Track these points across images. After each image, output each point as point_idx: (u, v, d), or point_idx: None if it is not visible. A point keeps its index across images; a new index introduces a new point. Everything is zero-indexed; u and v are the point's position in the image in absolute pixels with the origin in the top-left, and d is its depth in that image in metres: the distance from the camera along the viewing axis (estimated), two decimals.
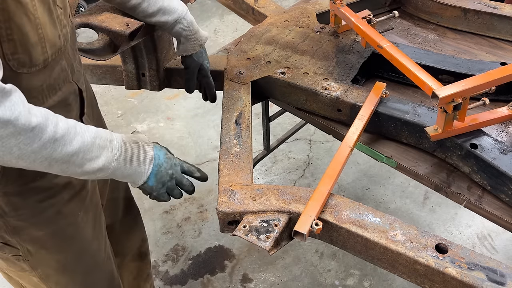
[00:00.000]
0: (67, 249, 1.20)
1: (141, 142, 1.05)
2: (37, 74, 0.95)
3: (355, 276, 2.25)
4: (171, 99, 3.31)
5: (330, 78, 1.45)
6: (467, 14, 1.70)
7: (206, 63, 1.46)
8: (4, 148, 0.81)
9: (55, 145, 0.87)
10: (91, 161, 0.94)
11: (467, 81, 1.17)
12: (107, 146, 0.97)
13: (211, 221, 2.52)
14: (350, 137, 1.23)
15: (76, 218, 1.18)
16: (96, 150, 0.94)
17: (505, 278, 0.90)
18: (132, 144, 1.03)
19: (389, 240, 0.97)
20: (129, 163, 1.01)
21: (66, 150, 0.88)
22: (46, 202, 1.10)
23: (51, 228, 1.14)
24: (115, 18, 1.34)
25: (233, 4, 1.97)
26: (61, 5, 0.99)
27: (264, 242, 0.98)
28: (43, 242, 1.15)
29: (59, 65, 1.02)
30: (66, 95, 1.06)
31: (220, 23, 3.99)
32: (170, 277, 2.28)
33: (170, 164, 1.10)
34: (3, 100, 0.79)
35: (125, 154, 1.00)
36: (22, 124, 0.81)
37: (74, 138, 0.90)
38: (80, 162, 0.92)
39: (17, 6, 0.84)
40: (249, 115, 1.34)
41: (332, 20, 1.65)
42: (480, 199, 1.20)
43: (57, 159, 0.88)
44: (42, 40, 0.92)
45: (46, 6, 0.92)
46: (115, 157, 0.98)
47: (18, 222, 1.09)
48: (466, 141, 1.22)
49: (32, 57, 0.91)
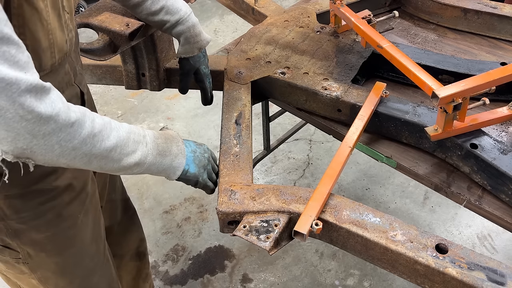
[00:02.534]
0: (67, 252, 1.20)
1: (171, 137, 1.06)
2: (44, 79, 0.94)
3: (355, 276, 2.25)
4: (171, 99, 3.31)
5: (330, 78, 1.45)
6: (467, 14, 1.70)
7: (203, 68, 1.43)
8: (46, 146, 0.81)
9: (94, 141, 0.87)
10: (128, 156, 0.94)
11: (467, 81, 1.17)
12: (142, 141, 0.98)
13: (211, 221, 2.52)
14: (350, 137, 1.23)
15: (76, 221, 1.18)
16: (132, 145, 0.95)
17: (505, 278, 0.90)
18: (164, 139, 1.04)
19: (389, 240, 0.97)
20: (163, 157, 1.02)
21: (104, 145, 0.89)
22: (47, 204, 1.10)
23: (51, 231, 1.14)
24: (115, 18, 1.34)
25: (233, 4, 1.97)
26: (68, 10, 0.99)
27: (264, 242, 0.98)
28: (43, 245, 1.15)
29: (64, 69, 1.02)
30: (69, 98, 1.05)
31: (220, 23, 3.99)
32: (170, 277, 2.28)
33: (203, 149, 1.14)
34: (44, 97, 0.79)
35: (158, 149, 1.01)
36: (63, 119, 0.81)
37: (111, 133, 0.90)
38: (118, 157, 0.92)
39: (32, 12, 0.85)
40: (249, 115, 1.33)
41: (332, 20, 1.65)
42: (480, 199, 1.20)
43: (96, 155, 0.89)
44: (52, 46, 0.92)
45: (57, 11, 0.92)
46: (150, 151, 0.99)
47: (19, 225, 1.08)
48: (466, 141, 1.22)
49: (42, 62, 0.91)
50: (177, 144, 1.06)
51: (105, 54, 1.34)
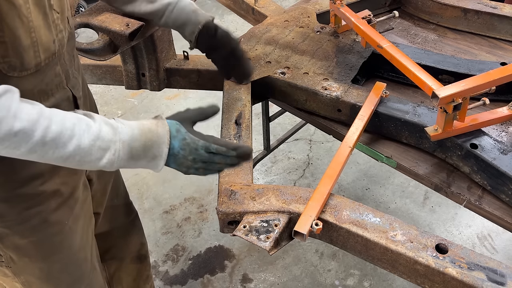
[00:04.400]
0: (52, 258, 1.17)
1: (155, 137, 0.96)
2: (28, 78, 0.93)
3: (355, 276, 2.25)
4: (171, 99, 3.31)
5: (330, 78, 1.45)
6: (467, 14, 1.70)
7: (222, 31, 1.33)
8: None
9: (45, 149, 0.84)
10: (90, 162, 0.90)
11: (467, 81, 1.17)
12: (110, 147, 0.91)
13: (211, 221, 2.52)
14: (350, 137, 1.23)
15: (63, 227, 1.15)
16: (97, 153, 0.90)
17: (505, 278, 0.90)
18: (143, 142, 0.95)
19: (389, 240, 0.97)
20: (137, 161, 0.95)
21: (58, 153, 0.86)
22: (32, 209, 1.07)
23: (36, 236, 1.11)
24: (115, 18, 1.34)
25: (233, 4, 1.97)
26: (58, 10, 0.96)
27: (264, 242, 0.98)
28: (26, 250, 1.12)
29: (53, 70, 0.99)
30: (59, 101, 1.03)
31: (220, 23, 3.98)
32: (170, 277, 2.28)
33: (189, 150, 0.99)
34: None
35: (131, 153, 0.94)
36: (5, 129, 0.79)
37: (69, 141, 0.86)
38: (77, 163, 0.89)
39: (9, 8, 0.83)
40: (249, 115, 1.33)
41: (332, 20, 1.65)
42: (480, 199, 1.20)
43: (50, 160, 0.87)
44: (35, 44, 0.90)
45: (42, 9, 0.90)
46: (118, 158, 0.93)
47: (1, 229, 1.06)
48: (466, 141, 1.22)
49: (23, 61, 0.89)
50: (158, 146, 0.96)
51: (105, 54, 1.34)
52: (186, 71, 1.59)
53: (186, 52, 1.61)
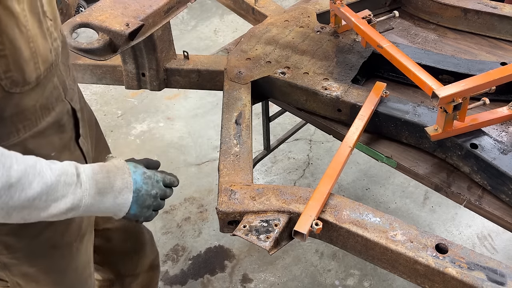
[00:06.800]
0: (60, 281, 1.15)
1: (115, 169, 0.92)
2: (30, 94, 0.87)
3: (355, 276, 2.25)
4: (171, 99, 3.31)
5: (330, 78, 1.45)
6: (467, 14, 1.70)
7: None
8: None
9: (11, 192, 0.75)
10: (57, 201, 0.82)
11: (467, 81, 1.17)
12: (74, 181, 0.84)
13: (211, 221, 2.52)
14: (350, 137, 1.23)
15: (71, 249, 1.12)
16: (62, 189, 0.82)
17: (505, 278, 0.90)
18: (105, 173, 0.90)
19: (389, 240, 0.97)
20: (104, 196, 0.89)
21: (25, 195, 0.77)
22: (41, 237, 1.02)
23: (45, 264, 1.08)
24: (115, 18, 1.34)
25: (233, 4, 1.97)
26: (51, 17, 0.92)
27: (264, 242, 0.98)
28: (34, 277, 1.09)
29: (51, 83, 0.94)
30: (60, 115, 0.98)
31: (220, 23, 3.98)
32: (170, 277, 2.28)
33: (151, 184, 0.98)
34: None
35: (98, 187, 0.88)
36: None
37: (34, 180, 0.78)
38: (44, 205, 0.80)
39: (9, 17, 0.77)
40: (249, 115, 1.34)
41: (332, 20, 1.65)
42: (480, 199, 1.20)
43: (15, 207, 0.77)
44: (34, 55, 0.85)
45: (36, 17, 0.85)
46: (86, 192, 0.86)
47: (9, 260, 1.03)
48: (466, 141, 1.22)
49: (25, 74, 0.84)
50: (122, 177, 0.91)
51: (105, 54, 1.34)
52: (186, 71, 1.60)
53: (186, 52, 1.61)
